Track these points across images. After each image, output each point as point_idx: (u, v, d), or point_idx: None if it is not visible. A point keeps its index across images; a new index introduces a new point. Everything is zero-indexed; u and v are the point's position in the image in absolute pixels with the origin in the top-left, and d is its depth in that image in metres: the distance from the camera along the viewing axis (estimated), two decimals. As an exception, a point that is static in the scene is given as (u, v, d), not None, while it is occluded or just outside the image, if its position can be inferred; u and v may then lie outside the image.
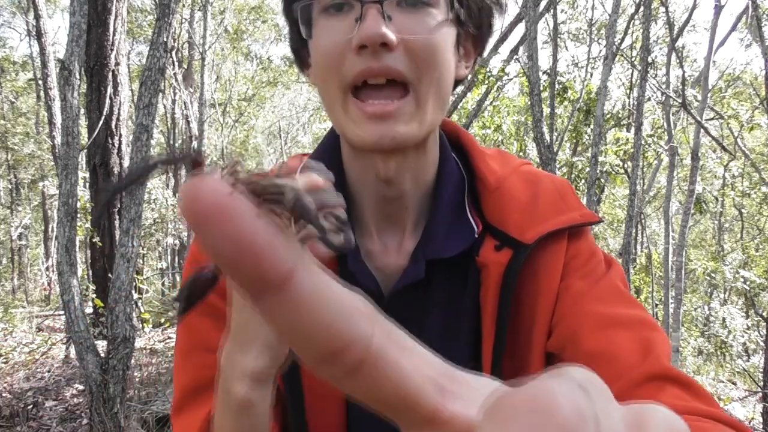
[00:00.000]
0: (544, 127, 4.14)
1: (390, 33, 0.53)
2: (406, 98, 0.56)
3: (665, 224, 6.43)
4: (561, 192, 0.65)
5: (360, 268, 0.62)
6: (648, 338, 0.56)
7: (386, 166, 0.61)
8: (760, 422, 4.65)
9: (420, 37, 0.55)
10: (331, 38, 0.56)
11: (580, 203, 0.66)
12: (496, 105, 7.05)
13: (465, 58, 0.64)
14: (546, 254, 0.61)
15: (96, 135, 5.51)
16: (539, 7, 4.51)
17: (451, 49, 0.59)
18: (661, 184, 9.89)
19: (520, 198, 0.63)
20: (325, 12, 0.56)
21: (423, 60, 0.55)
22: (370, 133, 0.55)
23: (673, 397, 0.51)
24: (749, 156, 8.18)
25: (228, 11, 10.47)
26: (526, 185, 0.65)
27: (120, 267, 2.88)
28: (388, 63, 0.54)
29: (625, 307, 0.59)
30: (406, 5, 0.55)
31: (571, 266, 0.61)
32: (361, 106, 0.55)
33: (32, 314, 7.92)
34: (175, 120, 10.79)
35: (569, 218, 0.62)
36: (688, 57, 10.05)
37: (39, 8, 4.52)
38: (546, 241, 0.60)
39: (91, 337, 2.92)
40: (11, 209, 12.86)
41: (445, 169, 0.65)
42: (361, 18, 0.53)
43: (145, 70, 2.91)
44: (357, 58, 0.54)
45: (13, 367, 5.36)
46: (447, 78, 0.59)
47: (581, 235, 0.64)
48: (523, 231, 0.60)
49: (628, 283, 0.64)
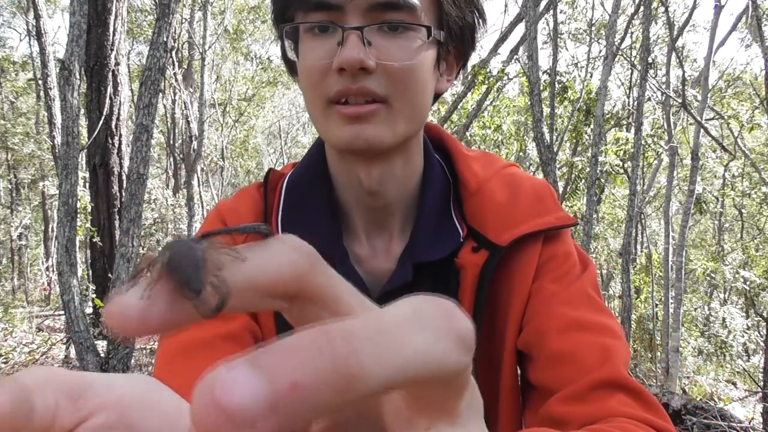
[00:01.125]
0: (544, 127, 4.14)
1: (368, 59, 0.56)
2: (380, 104, 0.58)
3: (665, 224, 6.43)
4: (539, 195, 0.67)
5: (347, 270, 0.63)
6: (609, 345, 0.59)
7: (369, 176, 0.63)
8: (760, 422, 4.65)
9: (398, 63, 0.57)
10: (314, 59, 0.59)
11: (558, 206, 0.67)
12: (496, 105, 7.06)
13: (447, 72, 0.66)
14: (520, 256, 0.63)
15: (96, 135, 5.51)
16: (539, 7, 4.51)
17: (430, 68, 0.61)
18: (661, 184, 9.89)
19: (498, 201, 0.65)
20: (311, 32, 0.59)
21: (399, 83, 0.58)
22: (346, 133, 0.58)
23: (622, 404, 0.55)
24: (749, 156, 8.18)
25: (228, 11, 10.46)
26: (506, 188, 0.66)
27: (120, 267, 2.88)
28: (365, 84, 0.57)
29: (593, 313, 0.62)
30: (387, 29, 0.57)
31: (545, 268, 0.64)
32: (339, 109, 0.58)
33: (32, 314, 7.93)
34: (175, 120, 10.79)
35: (545, 221, 0.64)
36: (688, 57, 10.05)
37: (39, 8, 4.52)
38: (521, 243, 0.63)
39: (91, 337, 2.91)
40: (11, 209, 12.87)
41: (430, 175, 0.67)
42: (342, 43, 0.56)
43: (145, 70, 2.91)
44: (338, 77, 0.57)
45: (13, 367, 5.36)
46: (423, 95, 0.61)
47: (557, 237, 0.66)
48: (499, 233, 0.63)
49: (599, 288, 0.67)
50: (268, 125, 15.75)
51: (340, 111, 0.58)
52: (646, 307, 8.36)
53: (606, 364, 0.57)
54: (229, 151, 12.34)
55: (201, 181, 8.80)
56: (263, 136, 15.79)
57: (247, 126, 13.15)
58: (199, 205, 8.35)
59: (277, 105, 16.08)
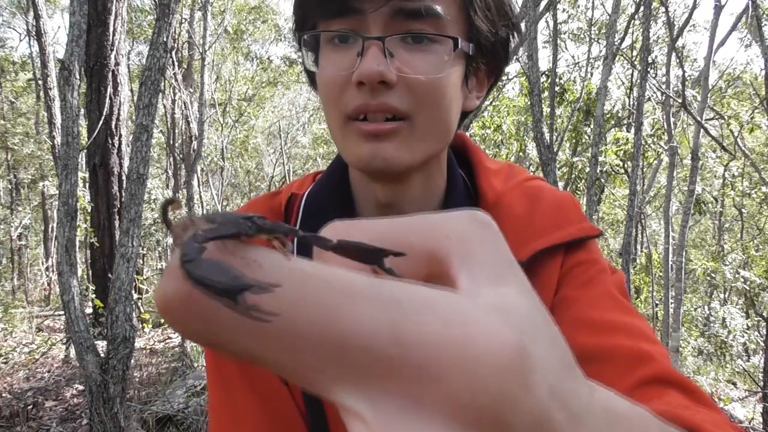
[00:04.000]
0: (544, 127, 4.14)
1: (389, 72, 0.53)
2: (401, 122, 0.55)
3: (665, 224, 6.43)
4: (560, 205, 0.63)
5: None
6: (646, 348, 0.53)
7: (385, 196, 0.61)
8: (760, 422, 4.65)
9: (421, 76, 0.54)
10: (334, 71, 0.56)
11: (581, 216, 0.64)
12: (496, 105, 7.06)
13: (477, 88, 0.63)
14: (541, 270, 0.59)
15: (96, 135, 5.51)
16: (539, 7, 4.51)
17: (457, 85, 0.58)
18: (661, 184, 9.89)
19: (517, 213, 0.62)
20: (331, 42, 0.56)
21: (423, 99, 0.55)
22: (363, 151, 0.55)
23: (675, 402, 0.47)
24: (749, 156, 8.18)
25: (228, 11, 10.46)
26: (526, 200, 0.63)
27: (120, 267, 2.88)
28: (386, 101, 0.54)
29: (623, 315, 0.56)
30: (412, 42, 0.54)
31: (567, 277, 0.60)
32: (358, 126, 0.55)
33: (32, 314, 7.92)
34: (175, 120, 10.79)
35: (566, 233, 0.61)
36: (688, 57, 10.06)
37: (39, 8, 4.52)
38: (541, 256, 0.59)
39: (91, 337, 2.91)
40: (11, 209, 12.86)
41: (452, 194, 0.65)
42: (362, 54, 0.53)
43: (145, 70, 2.91)
44: (357, 92, 0.54)
45: (13, 367, 5.36)
46: (450, 114, 0.58)
47: (581, 246, 0.62)
48: (517, 249, 0.58)
49: (628, 293, 0.62)
50: (268, 125, 15.74)
51: (359, 128, 0.55)
52: (646, 307, 8.37)
53: (650, 363, 0.51)
54: (229, 151, 12.33)
55: (201, 181, 8.80)
56: (263, 136, 15.77)
57: (247, 126, 13.14)
58: (199, 205, 8.34)
59: (277, 105, 16.08)
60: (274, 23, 12.94)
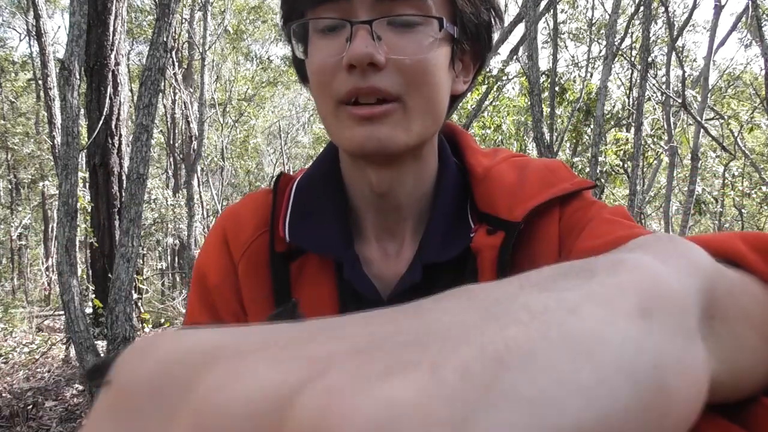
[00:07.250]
0: (544, 127, 4.14)
1: (377, 53, 0.54)
2: (393, 104, 0.56)
3: (665, 224, 6.43)
4: (551, 168, 0.64)
5: (357, 275, 0.62)
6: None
7: (379, 180, 0.61)
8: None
9: (409, 57, 0.55)
10: (323, 57, 0.57)
11: (573, 174, 0.64)
12: (496, 105, 7.06)
13: (463, 73, 0.64)
14: (540, 230, 0.60)
15: (96, 135, 5.50)
16: (539, 7, 4.51)
17: (444, 66, 0.59)
18: (661, 184, 9.89)
19: (507, 182, 0.62)
20: (320, 32, 0.57)
21: (412, 79, 0.56)
22: (357, 134, 0.56)
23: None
24: (749, 156, 8.18)
25: (228, 11, 10.46)
26: (514, 170, 0.64)
27: (120, 267, 2.88)
28: (375, 83, 0.55)
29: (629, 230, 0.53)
30: (398, 25, 0.55)
31: (567, 228, 0.59)
32: (350, 109, 0.56)
33: (32, 314, 7.92)
34: (175, 120, 10.79)
35: (559, 189, 0.61)
36: (688, 57, 10.05)
37: (39, 8, 4.52)
38: (538, 217, 0.60)
39: (91, 337, 2.91)
40: (11, 209, 12.86)
41: (444, 176, 0.65)
42: (351, 38, 0.54)
43: (145, 70, 2.91)
44: (347, 76, 0.55)
45: (13, 367, 5.36)
46: (439, 95, 0.59)
47: (576, 196, 0.62)
48: (512, 210, 0.60)
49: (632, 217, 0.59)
50: (268, 125, 15.74)
51: (351, 112, 0.56)
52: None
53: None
54: (229, 151, 12.34)
55: (201, 181, 8.80)
56: (263, 136, 15.78)
57: (247, 126, 13.14)
58: (199, 205, 8.35)
59: (277, 105, 16.09)
60: (274, 23, 12.94)
